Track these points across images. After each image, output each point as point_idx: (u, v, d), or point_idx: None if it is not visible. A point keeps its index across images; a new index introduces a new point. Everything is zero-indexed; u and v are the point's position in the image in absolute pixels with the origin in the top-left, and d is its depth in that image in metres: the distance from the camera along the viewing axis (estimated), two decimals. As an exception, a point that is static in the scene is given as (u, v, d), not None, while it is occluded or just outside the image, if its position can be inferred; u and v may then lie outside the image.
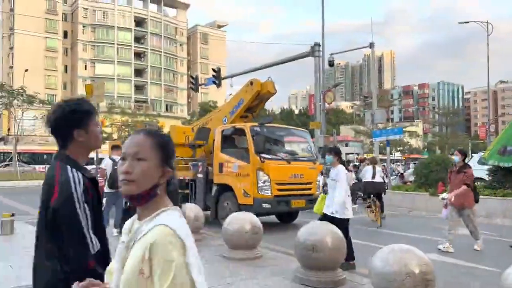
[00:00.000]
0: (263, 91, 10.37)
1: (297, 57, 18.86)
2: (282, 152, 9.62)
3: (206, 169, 9.83)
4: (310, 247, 4.68)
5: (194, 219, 7.44)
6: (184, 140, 11.27)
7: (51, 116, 1.82)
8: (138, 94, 71.42)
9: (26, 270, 5.38)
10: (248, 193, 8.68)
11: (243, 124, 9.74)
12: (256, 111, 11.36)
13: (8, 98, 41.11)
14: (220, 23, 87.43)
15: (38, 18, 60.20)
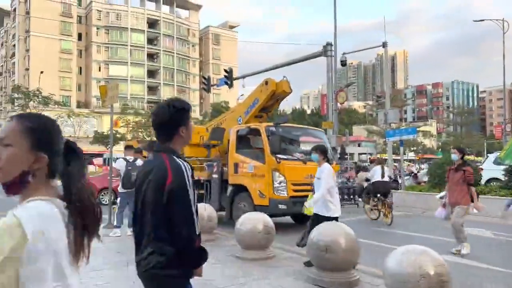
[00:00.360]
0: (278, 91, 10.27)
1: (309, 57, 18.79)
2: (297, 152, 9.54)
3: (221, 169, 9.79)
4: (323, 248, 4.66)
5: (207, 219, 7.48)
6: (198, 140, 11.23)
7: (159, 115, 2.07)
8: (151, 95, 71.98)
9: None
10: (264, 194, 8.62)
11: (258, 124, 9.67)
12: (271, 111, 11.28)
13: (24, 99, 41.87)
14: (232, 24, 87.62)
15: (53, 20, 61.22)
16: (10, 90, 55.26)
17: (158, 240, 1.90)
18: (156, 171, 1.95)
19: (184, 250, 1.87)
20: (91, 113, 57.54)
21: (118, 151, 18.46)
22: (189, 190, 1.90)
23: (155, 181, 1.93)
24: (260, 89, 10.48)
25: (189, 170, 1.95)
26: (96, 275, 5.27)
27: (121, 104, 51.88)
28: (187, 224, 1.88)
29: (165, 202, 1.87)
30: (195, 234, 1.90)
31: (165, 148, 2.04)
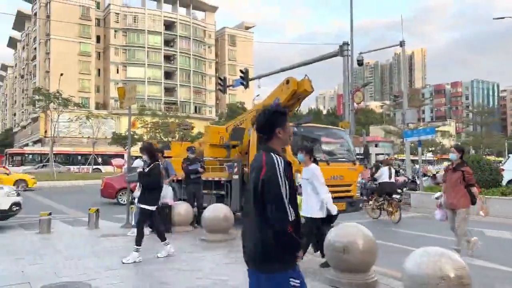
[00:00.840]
0: (299, 90, 10.00)
1: (325, 57, 18.68)
2: (320, 153, 9.19)
3: (241, 170, 9.61)
4: (340, 249, 4.63)
5: (223, 219, 7.52)
6: (218, 141, 11.10)
7: (260, 119, 2.38)
8: (168, 96, 72.68)
9: (62, 267, 5.58)
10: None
11: None
12: (292, 110, 10.97)
13: (45, 101, 42.75)
14: (248, 25, 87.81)
15: (72, 24, 62.40)
16: (31, 92, 56.52)
17: (260, 228, 2.19)
18: (256, 166, 2.29)
19: (278, 234, 2.12)
20: (109, 115, 58.45)
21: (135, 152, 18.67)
22: (280, 180, 2.17)
23: (255, 174, 2.26)
24: (281, 88, 10.25)
25: (282, 164, 2.22)
26: (113, 274, 5.35)
27: (138, 105, 52.52)
28: (278, 209, 2.14)
29: (260, 191, 2.18)
30: (287, 220, 2.13)
31: (265, 147, 2.35)
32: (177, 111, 64.33)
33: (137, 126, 45.96)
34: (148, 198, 6.20)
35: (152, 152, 6.40)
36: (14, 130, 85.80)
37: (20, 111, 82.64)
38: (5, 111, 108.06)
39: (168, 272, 5.42)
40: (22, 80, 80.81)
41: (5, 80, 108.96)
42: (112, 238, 7.98)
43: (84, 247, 7.11)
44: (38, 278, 5.10)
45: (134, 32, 69.75)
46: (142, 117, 49.47)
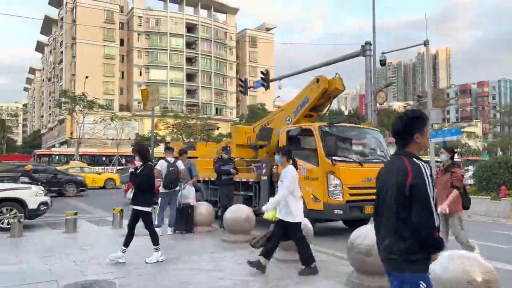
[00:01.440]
0: (330, 89, 9.69)
1: (347, 57, 18.50)
2: (353, 154, 8.91)
3: (270, 170, 9.40)
4: (364, 251, 4.57)
5: (245, 220, 7.54)
6: (245, 141, 10.91)
7: (398, 124, 2.39)
8: (190, 98, 73.42)
9: (89, 265, 5.71)
10: (318, 198, 8.15)
11: (310, 124, 9.17)
12: (322, 110, 10.77)
13: (71, 103, 43.88)
14: (269, 26, 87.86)
15: (97, 27, 63.86)
16: (58, 95, 58.11)
17: (399, 229, 2.24)
18: (397, 171, 2.29)
19: (425, 238, 2.18)
20: (132, 116, 59.44)
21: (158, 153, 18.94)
22: (428, 186, 2.20)
23: (397, 180, 2.26)
24: (311, 87, 9.93)
25: (427, 169, 2.25)
26: (137, 273, 5.44)
27: (161, 107, 53.28)
28: (427, 215, 2.18)
29: (407, 196, 2.21)
30: (434, 224, 2.18)
31: (405, 152, 2.36)
32: (199, 113, 64.98)
33: (159, 127, 46.64)
34: (140, 200, 6.06)
35: (143, 153, 6.25)
36: (42, 131, 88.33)
37: (47, 113, 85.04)
38: (33, 113, 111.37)
39: (190, 271, 5.47)
40: (49, 83, 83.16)
41: (33, 83, 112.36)
42: (135, 238, 8.09)
43: (108, 247, 7.25)
44: (65, 276, 5.23)
45: (156, 35, 70.78)
46: (165, 119, 50.19)
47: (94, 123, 47.88)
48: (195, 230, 8.62)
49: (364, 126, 10.80)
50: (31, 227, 9.68)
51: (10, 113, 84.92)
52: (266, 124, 11.26)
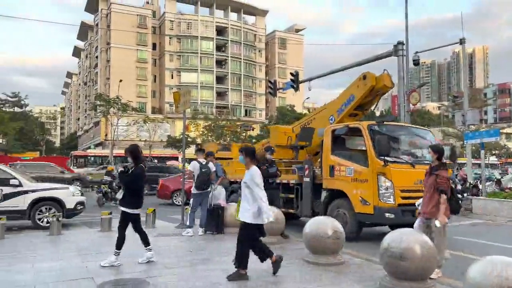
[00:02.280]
0: (378, 86, 9.25)
1: (379, 57, 18.15)
2: (405, 154, 8.44)
3: (313, 172, 9.10)
4: (397, 255, 4.46)
5: (275, 222, 7.50)
6: (285, 141, 10.59)
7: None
8: (220, 100, 74.13)
9: (124, 263, 5.82)
10: (367, 201, 7.73)
11: (359, 122, 8.74)
12: (369, 108, 10.34)
13: (105, 106, 45.24)
14: (298, 27, 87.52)
15: (130, 32, 65.61)
16: (93, 98, 60.05)
17: None
18: None
19: None
20: (164, 119, 60.62)
21: (189, 154, 19.20)
22: None
23: None
24: (357, 84, 9.48)
25: None
26: (169, 272, 5.53)
27: (192, 109, 54.07)
28: None
29: None
30: None
31: None
32: (228, 115, 65.49)
33: (190, 129, 47.32)
34: (128, 201, 5.94)
35: (135, 154, 6.07)
36: (78, 133, 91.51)
37: (83, 116, 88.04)
38: (70, 116, 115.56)
39: (221, 272, 5.51)
40: (85, 87, 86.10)
41: (70, 87, 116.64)
42: (167, 238, 8.26)
43: (142, 246, 7.41)
44: (100, 274, 5.39)
45: (187, 39, 71.93)
46: (195, 121, 50.90)
47: (127, 125, 49.17)
48: (225, 231, 8.68)
49: (416, 126, 10.22)
50: (69, 226, 10.05)
51: (49, 116, 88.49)
52: (306, 124, 10.86)
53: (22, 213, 9.53)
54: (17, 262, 6.13)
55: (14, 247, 7.32)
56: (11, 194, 9.43)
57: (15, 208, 9.41)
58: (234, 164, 11.36)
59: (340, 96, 10.17)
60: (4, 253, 6.81)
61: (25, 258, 6.38)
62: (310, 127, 10.52)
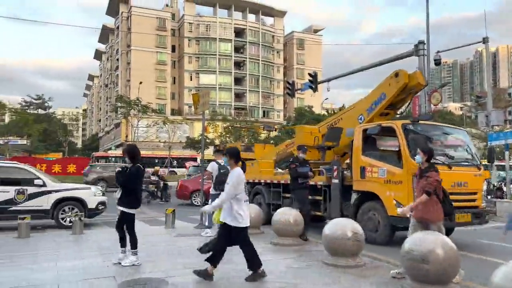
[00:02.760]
0: (411, 83, 8.88)
1: (399, 57, 17.88)
2: (440, 155, 7.99)
3: (341, 173, 8.86)
4: (419, 259, 4.38)
5: (293, 224, 7.49)
6: (312, 142, 10.27)
7: None
8: (238, 101, 74.41)
9: (143, 263, 5.91)
10: (402, 204, 7.35)
11: (392, 122, 8.41)
12: (400, 107, 10.05)
13: (126, 108, 45.97)
14: (316, 27, 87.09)
15: (150, 35, 66.52)
16: (114, 100, 61.12)
17: None
18: None
19: None
20: (183, 120, 61.21)
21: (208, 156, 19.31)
22: None
23: None
24: (388, 82, 9.12)
25: None
26: (189, 272, 5.56)
27: (210, 111, 54.42)
28: None
29: None
30: None
31: None
32: (246, 116, 65.63)
33: (209, 131, 47.65)
34: (125, 201, 5.94)
35: (132, 154, 6.09)
36: (100, 135, 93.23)
37: (104, 118, 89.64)
38: (92, 118, 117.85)
39: (240, 273, 5.52)
40: (106, 89, 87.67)
41: (92, 89, 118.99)
42: (187, 238, 8.33)
43: (161, 246, 7.51)
44: (121, 273, 5.47)
45: (206, 41, 72.47)
46: (214, 122, 51.22)
47: (147, 127, 49.85)
48: (244, 232, 8.69)
49: (452, 126, 9.84)
50: (90, 225, 10.24)
51: (71, 118, 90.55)
52: (333, 124, 10.55)
53: (46, 213, 9.77)
54: (41, 260, 6.29)
55: (39, 245, 7.51)
56: (35, 194, 9.68)
57: (39, 207, 9.65)
58: (259, 164, 11.29)
59: (370, 94, 9.82)
60: (29, 251, 7.00)
61: (49, 256, 6.54)
62: (338, 127, 10.20)
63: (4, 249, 7.11)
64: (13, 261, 6.25)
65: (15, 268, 5.82)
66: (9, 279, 5.18)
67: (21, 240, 8.03)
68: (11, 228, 9.22)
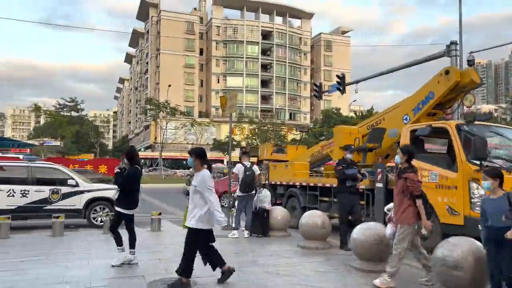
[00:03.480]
0: (464, 81, 8.30)
1: (430, 58, 17.44)
2: (498, 158, 7.40)
3: (386, 176, 8.43)
4: (451, 265, 4.26)
5: (321, 227, 7.43)
6: (352, 143, 9.77)
7: None
8: (264, 103, 74.56)
9: (172, 263, 6.02)
10: (456, 211, 6.86)
11: (445, 122, 7.87)
12: (449, 107, 9.37)
13: (155, 110, 46.87)
14: (345, 29, 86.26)
15: (179, 38, 67.66)
16: (143, 103, 62.44)
17: None
18: None
19: None
20: (210, 122, 61.88)
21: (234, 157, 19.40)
22: None
23: None
24: (437, 80, 8.57)
25: None
26: (216, 273, 5.61)
27: (237, 113, 54.77)
28: None
29: None
30: None
31: None
32: (273, 118, 65.62)
33: (235, 133, 47.94)
34: (122, 202, 6.06)
35: (130, 155, 6.17)
36: (129, 136, 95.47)
37: (134, 120, 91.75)
38: (122, 120, 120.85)
39: (267, 275, 5.53)
40: (136, 92, 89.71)
41: (122, 92, 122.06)
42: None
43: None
44: (151, 272, 5.58)
45: (233, 43, 73.06)
46: (240, 125, 51.51)
47: (175, 129, 50.64)
48: (270, 234, 8.69)
49: (506, 126, 9.20)
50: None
51: (102, 120, 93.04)
52: (374, 124, 10.09)
53: (78, 212, 10.07)
54: (74, 258, 6.49)
55: (72, 244, 7.76)
56: (68, 194, 10.01)
57: (73, 207, 9.96)
58: (293, 166, 11.11)
59: (417, 93, 9.24)
60: (63, 249, 7.24)
61: (82, 255, 6.74)
62: (380, 127, 9.75)
63: (39, 247, 7.39)
64: (48, 258, 6.48)
65: (50, 265, 6.03)
66: (44, 276, 5.39)
67: (55, 239, 8.32)
68: (46, 226, 9.56)
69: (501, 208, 4.05)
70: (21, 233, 9.11)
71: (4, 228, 8.25)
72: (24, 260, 6.29)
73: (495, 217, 4.10)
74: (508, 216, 4.00)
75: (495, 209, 4.12)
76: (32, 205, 9.75)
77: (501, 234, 3.95)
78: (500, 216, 4.03)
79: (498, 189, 4.23)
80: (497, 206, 4.12)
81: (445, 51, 16.70)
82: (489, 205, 4.24)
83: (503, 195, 4.17)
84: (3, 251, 6.99)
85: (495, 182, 4.25)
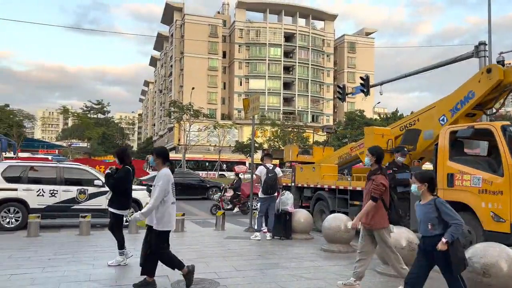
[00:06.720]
0: (507, 80, 7.90)
1: (457, 59, 17.05)
2: None
3: None
4: (480, 271, 4.14)
5: (344, 231, 7.35)
6: (385, 145, 9.41)
7: None
8: (286, 106, 74.41)
9: (195, 263, 6.06)
10: (502, 218, 6.52)
11: (489, 123, 7.55)
12: (490, 107, 8.94)
13: (179, 113, 47.46)
14: (368, 30, 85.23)
15: (202, 41, 68.40)
16: (167, 105, 63.35)
17: None
18: None
19: None
20: (233, 124, 62.21)
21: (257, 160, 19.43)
22: None
23: None
24: (478, 79, 8.22)
25: None
26: (239, 275, 5.63)
27: (259, 115, 54.86)
28: None
29: None
30: None
31: None
32: (295, 120, 65.40)
33: (257, 135, 48.03)
34: (115, 202, 6.11)
35: (121, 156, 6.21)
36: (154, 138, 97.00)
37: (158, 122, 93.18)
38: (147, 122, 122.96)
39: (290, 277, 5.51)
40: (160, 94, 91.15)
41: (147, 94, 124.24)
42: (236, 240, 8.43)
43: (212, 247, 7.65)
44: (174, 272, 5.64)
45: (256, 46, 73.28)
46: (262, 127, 51.55)
47: (198, 131, 51.12)
48: (293, 237, 8.66)
49: None
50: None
51: (128, 122, 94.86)
52: (408, 126, 9.77)
53: (104, 212, 10.28)
54: (101, 257, 6.64)
55: (98, 243, 7.93)
56: (95, 194, 10.26)
57: (99, 207, 10.19)
58: (321, 169, 10.80)
59: (455, 93, 8.83)
60: (90, 248, 7.41)
61: (108, 254, 6.88)
62: (415, 128, 9.40)
63: (67, 246, 7.59)
64: (75, 257, 6.65)
65: (78, 263, 6.19)
66: (72, 273, 5.53)
67: (83, 238, 8.53)
68: (73, 226, 9.81)
69: (429, 215, 3.85)
70: (50, 232, 9.39)
71: (34, 226, 8.51)
72: (52, 258, 6.48)
73: (422, 225, 3.92)
74: (434, 223, 3.80)
75: (423, 216, 3.92)
76: (60, 205, 10.04)
77: (428, 244, 3.82)
78: (427, 224, 3.85)
79: (427, 194, 3.97)
80: (424, 212, 3.93)
81: (474, 52, 16.29)
82: (418, 211, 4.03)
83: (430, 200, 3.92)
84: (33, 249, 7.22)
85: (422, 186, 3.97)
